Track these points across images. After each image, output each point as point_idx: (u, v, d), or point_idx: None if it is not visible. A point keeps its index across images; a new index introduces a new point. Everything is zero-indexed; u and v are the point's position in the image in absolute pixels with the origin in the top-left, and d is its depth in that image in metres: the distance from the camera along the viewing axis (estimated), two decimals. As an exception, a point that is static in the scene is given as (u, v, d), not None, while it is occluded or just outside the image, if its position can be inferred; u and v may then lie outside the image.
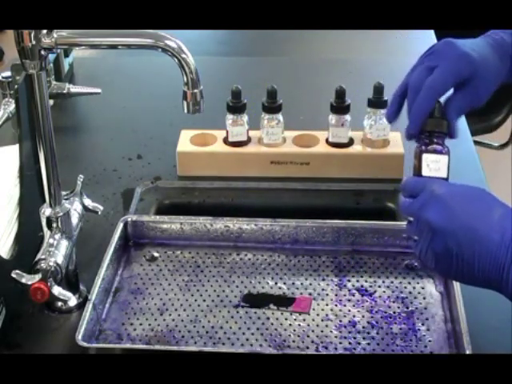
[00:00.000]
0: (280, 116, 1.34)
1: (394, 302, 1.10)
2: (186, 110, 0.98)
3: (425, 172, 0.97)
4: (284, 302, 1.10)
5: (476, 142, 1.47)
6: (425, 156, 0.98)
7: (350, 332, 1.05)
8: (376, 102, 1.31)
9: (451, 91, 1.01)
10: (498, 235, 0.86)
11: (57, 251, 1.03)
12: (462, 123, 1.48)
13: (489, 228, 0.86)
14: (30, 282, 0.99)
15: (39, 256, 1.02)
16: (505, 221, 0.87)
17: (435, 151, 0.98)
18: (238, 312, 1.09)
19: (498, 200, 0.90)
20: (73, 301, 1.09)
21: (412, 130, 1.00)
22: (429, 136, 1.00)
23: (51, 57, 1.53)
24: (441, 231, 0.89)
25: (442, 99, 1.00)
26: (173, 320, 1.08)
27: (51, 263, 1.01)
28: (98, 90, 1.49)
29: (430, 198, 0.91)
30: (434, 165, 0.97)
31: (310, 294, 1.12)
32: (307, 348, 1.04)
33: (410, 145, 1.36)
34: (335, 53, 1.84)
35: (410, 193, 0.95)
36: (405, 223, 1.15)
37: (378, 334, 1.05)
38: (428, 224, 0.90)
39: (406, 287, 1.13)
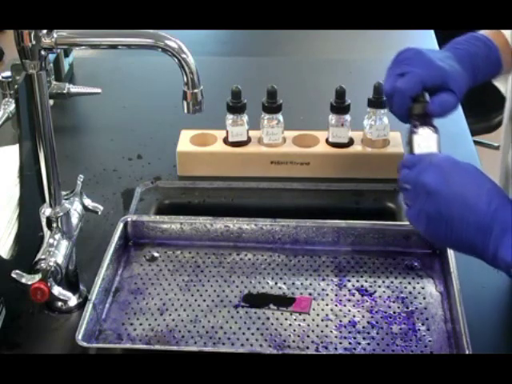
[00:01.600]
0: (280, 116, 1.34)
1: (394, 302, 1.10)
2: (185, 110, 0.98)
3: (417, 151, 1.06)
4: (284, 301, 1.10)
5: (476, 142, 1.47)
6: (415, 137, 1.07)
7: (350, 332, 1.05)
8: (376, 102, 1.31)
9: None
10: (486, 206, 0.91)
11: (57, 251, 1.03)
12: (462, 123, 1.49)
13: (478, 198, 0.92)
14: (30, 282, 0.99)
15: (39, 256, 1.02)
16: (492, 193, 0.93)
17: (423, 132, 1.07)
18: (238, 312, 1.09)
19: (488, 176, 0.96)
20: (73, 301, 1.09)
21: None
22: (417, 119, 1.07)
23: (51, 57, 1.53)
24: (435, 194, 0.94)
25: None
26: (173, 320, 1.08)
27: (51, 263, 1.01)
28: (98, 90, 1.49)
29: (427, 166, 0.97)
30: (424, 143, 1.06)
31: (310, 294, 1.12)
32: (307, 348, 1.04)
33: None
34: (335, 53, 1.84)
35: (408, 165, 1.01)
36: (405, 223, 1.16)
37: (378, 333, 1.05)
38: (424, 187, 0.95)
39: (406, 287, 1.13)
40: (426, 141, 1.06)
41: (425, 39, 1.85)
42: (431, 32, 1.87)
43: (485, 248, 0.91)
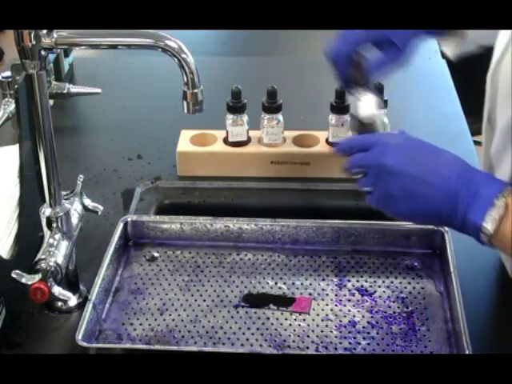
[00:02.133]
0: (280, 116, 1.34)
1: (394, 302, 1.10)
2: (185, 110, 0.98)
3: (361, 115, 1.07)
4: (284, 301, 1.10)
5: (476, 142, 1.47)
6: (358, 104, 1.08)
7: (350, 332, 1.05)
8: (376, 101, 1.31)
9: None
10: (449, 172, 0.93)
11: (57, 251, 1.03)
12: (462, 123, 1.49)
13: (440, 166, 0.94)
14: (30, 282, 0.99)
15: (39, 256, 1.02)
16: (453, 161, 0.95)
17: (365, 97, 1.09)
18: (238, 312, 1.09)
19: (443, 148, 0.98)
20: (73, 301, 1.09)
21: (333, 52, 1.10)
22: (358, 83, 1.09)
23: (51, 57, 1.53)
24: (399, 173, 0.95)
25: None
26: (173, 320, 1.08)
27: (51, 263, 1.01)
28: (98, 90, 1.49)
29: (385, 147, 0.97)
30: (366, 108, 1.08)
31: (310, 294, 1.12)
32: (307, 348, 1.03)
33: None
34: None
35: (360, 148, 1.00)
36: (405, 223, 1.15)
37: (378, 334, 1.05)
38: (385, 169, 0.96)
39: (406, 287, 1.12)
40: (367, 106, 1.08)
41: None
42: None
43: (453, 215, 0.92)
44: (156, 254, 1.19)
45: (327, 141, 1.35)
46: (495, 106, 1.11)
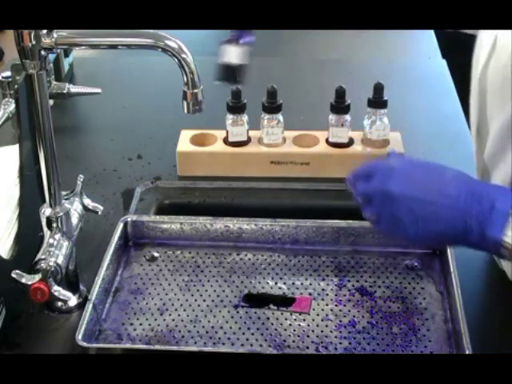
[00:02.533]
0: (280, 116, 1.34)
1: (393, 302, 1.10)
2: (185, 110, 0.98)
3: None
4: (284, 301, 1.10)
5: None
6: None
7: (350, 332, 1.05)
8: (376, 101, 1.31)
9: None
10: (455, 190, 0.92)
11: (57, 251, 1.03)
12: (462, 123, 1.49)
13: (446, 185, 0.93)
14: (30, 282, 0.99)
15: (39, 256, 1.02)
16: (458, 177, 0.94)
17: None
18: (238, 312, 1.09)
19: (445, 165, 0.97)
20: (73, 301, 1.09)
21: None
22: None
23: (51, 57, 1.53)
24: (403, 197, 0.94)
25: None
26: (173, 320, 1.08)
27: (51, 263, 1.01)
28: (98, 90, 1.49)
29: (387, 172, 0.97)
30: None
31: (310, 294, 1.12)
32: (307, 348, 1.03)
33: (410, 145, 1.36)
34: (335, 53, 1.84)
35: (363, 177, 1.00)
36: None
37: (378, 334, 1.05)
38: (390, 194, 0.95)
39: (405, 287, 1.12)
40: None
41: (425, 39, 1.86)
42: (431, 32, 1.87)
43: (467, 232, 0.90)
44: (156, 254, 1.19)
45: (327, 141, 1.36)
46: (485, 111, 1.10)
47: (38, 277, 0.99)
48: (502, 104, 1.02)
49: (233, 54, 1.32)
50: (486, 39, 1.10)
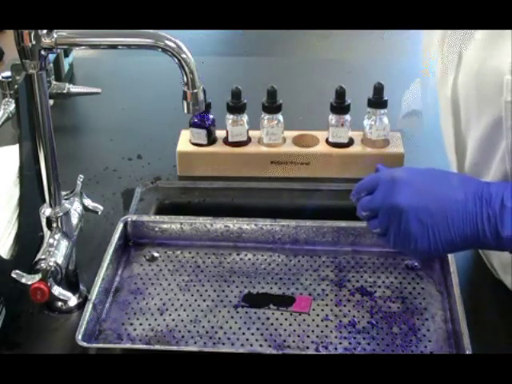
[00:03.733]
0: (280, 116, 1.34)
1: (393, 302, 1.10)
2: (185, 111, 0.98)
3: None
4: (284, 301, 1.10)
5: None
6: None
7: (350, 332, 1.05)
8: (376, 102, 1.31)
9: None
10: (463, 193, 0.91)
11: (57, 251, 1.03)
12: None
13: (452, 191, 0.91)
14: (29, 282, 0.99)
15: (39, 256, 1.02)
16: (462, 181, 0.93)
17: None
18: (237, 312, 1.09)
19: (446, 170, 0.96)
20: (73, 301, 1.09)
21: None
22: None
23: (51, 57, 1.53)
24: (412, 209, 0.92)
25: None
26: (173, 320, 1.08)
27: (51, 263, 1.01)
28: (98, 90, 1.49)
29: (391, 184, 0.94)
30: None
31: (309, 294, 1.12)
32: (307, 348, 1.03)
33: (410, 145, 1.36)
34: (335, 53, 1.85)
35: (366, 191, 0.98)
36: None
37: (378, 334, 1.05)
38: (396, 207, 0.93)
39: (405, 287, 1.12)
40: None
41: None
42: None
43: (480, 234, 0.89)
44: (156, 254, 1.19)
45: (327, 141, 1.36)
46: (459, 125, 1.06)
47: (37, 277, 0.99)
48: (478, 115, 1.00)
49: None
50: (449, 50, 1.04)
